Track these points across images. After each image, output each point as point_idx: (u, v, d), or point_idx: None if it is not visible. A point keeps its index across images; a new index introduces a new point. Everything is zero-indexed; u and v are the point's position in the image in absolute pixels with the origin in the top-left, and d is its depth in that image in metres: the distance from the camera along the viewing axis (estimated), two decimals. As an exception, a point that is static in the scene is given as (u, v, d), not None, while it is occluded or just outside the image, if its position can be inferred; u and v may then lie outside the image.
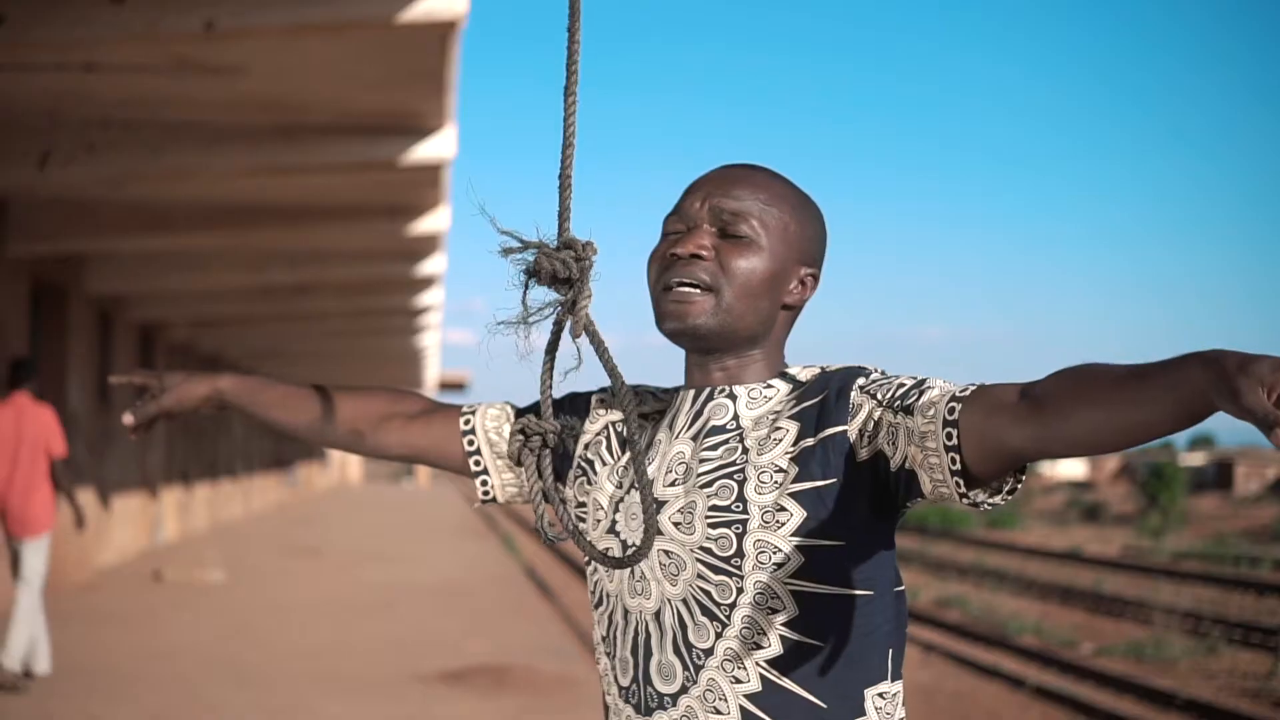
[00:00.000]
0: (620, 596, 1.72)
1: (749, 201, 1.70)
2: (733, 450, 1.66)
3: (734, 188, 1.71)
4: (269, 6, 7.49)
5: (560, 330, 1.60)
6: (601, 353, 1.57)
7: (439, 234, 13.72)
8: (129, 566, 15.75)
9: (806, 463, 1.61)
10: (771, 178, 1.74)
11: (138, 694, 8.19)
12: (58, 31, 7.29)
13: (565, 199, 1.61)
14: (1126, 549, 28.10)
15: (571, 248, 1.58)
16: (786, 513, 1.61)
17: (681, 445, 1.71)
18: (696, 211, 1.71)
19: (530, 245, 1.58)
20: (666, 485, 1.69)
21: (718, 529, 1.63)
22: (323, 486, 47.61)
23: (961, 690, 10.93)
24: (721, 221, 1.69)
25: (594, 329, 1.58)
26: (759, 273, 1.68)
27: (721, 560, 1.62)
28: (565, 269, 1.57)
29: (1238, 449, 66.81)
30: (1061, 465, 69.16)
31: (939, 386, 1.58)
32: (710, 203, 1.70)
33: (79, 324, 13.92)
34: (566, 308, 1.58)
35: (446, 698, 8.25)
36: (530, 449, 1.63)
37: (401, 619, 11.89)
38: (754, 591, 1.61)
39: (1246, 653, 13.36)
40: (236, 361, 26.06)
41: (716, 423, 1.69)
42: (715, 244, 1.69)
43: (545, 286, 1.59)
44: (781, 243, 1.70)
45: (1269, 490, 51.16)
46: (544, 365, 1.62)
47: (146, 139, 9.89)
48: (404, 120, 10.03)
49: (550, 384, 1.63)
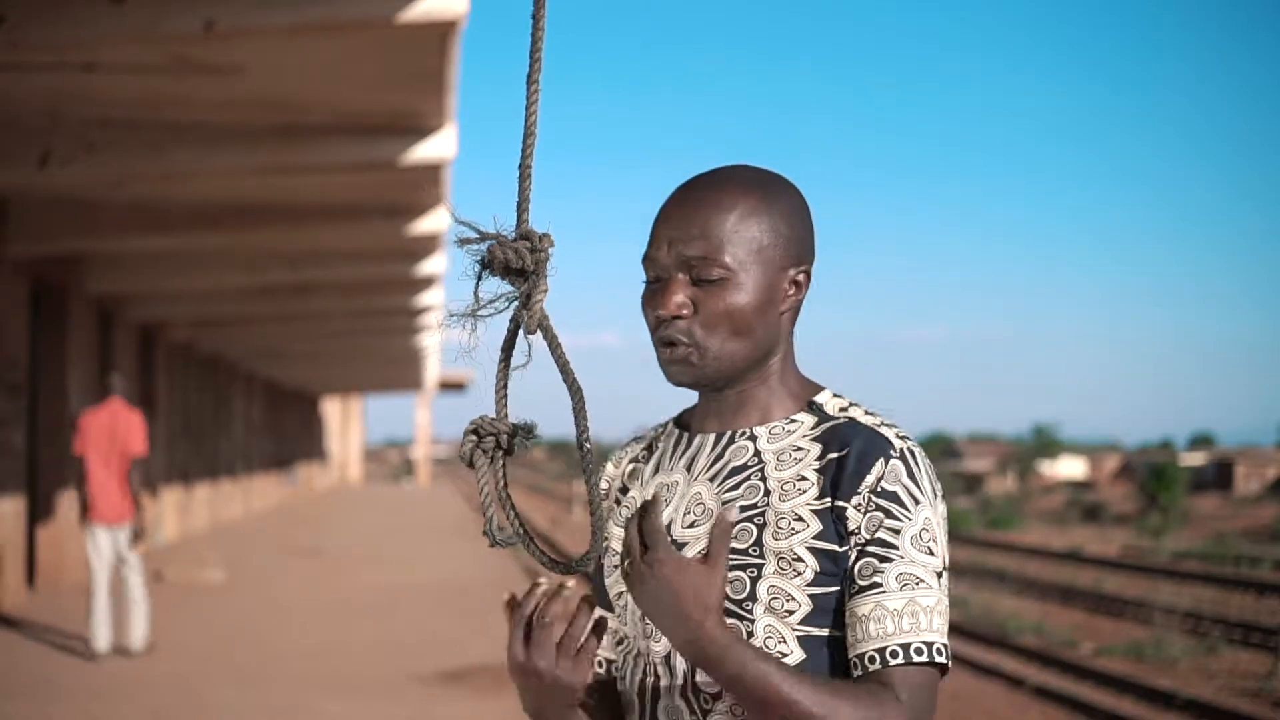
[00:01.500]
0: (635, 639, 1.72)
1: (715, 235, 1.62)
2: (755, 490, 1.65)
3: (695, 224, 1.63)
4: (269, 6, 7.49)
5: (517, 326, 1.54)
6: (555, 349, 1.53)
7: (439, 234, 13.72)
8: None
9: (826, 522, 1.61)
10: (735, 190, 1.65)
11: (138, 694, 8.19)
12: (58, 31, 7.29)
13: (525, 189, 1.55)
14: (1126, 549, 28.10)
15: (528, 239, 1.52)
16: (803, 563, 1.60)
17: (699, 487, 1.69)
18: (665, 259, 1.65)
19: (486, 236, 1.53)
20: (684, 527, 1.68)
21: (734, 571, 1.62)
22: (323, 486, 47.61)
23: (961, 690, 10.92)
24: (692, 272, 1.64)
25: (549, 324, 1.53)
26: (743, 310, 1.63)
27: (734, 603, 1.61)
28: (519, 260, 1.51)
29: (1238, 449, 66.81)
30: (1061, 465, 69.16)
31: (886, 586, 1.57)
32: (675, 250, 1.64)
33: (79, 324, 13.92)
34: (521, 301, 1.53)
35: (446, 698, 8.26)
36: (483, 449, 1.56)
37: (401, 619, 11.90)
38: (763, 636, 1.61)
39: (1246, 653, 13.36)
40: (236, 362, 26.07)
41: (737, 463, 1.68)
42: (692, 294, 1.64)
43: (500, 278, 1.53)
44: (760, 263, 1.64)
45: (1269, 490, 51.15)
46: (499, 362, 1.57)
47: (146, 139, 9.90)
48: (404, 120, 10.03)
49: (506, 382, 1.57)
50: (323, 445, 50.54)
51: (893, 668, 1.55)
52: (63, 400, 13.40)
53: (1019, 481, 62.48)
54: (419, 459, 60.94)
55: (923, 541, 1.59)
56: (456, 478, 67.92)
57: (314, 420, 46.67)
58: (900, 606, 1.57)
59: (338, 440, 55.64)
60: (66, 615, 11.47)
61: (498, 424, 1.56)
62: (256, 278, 15.67)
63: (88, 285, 14.10)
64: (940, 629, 1.58)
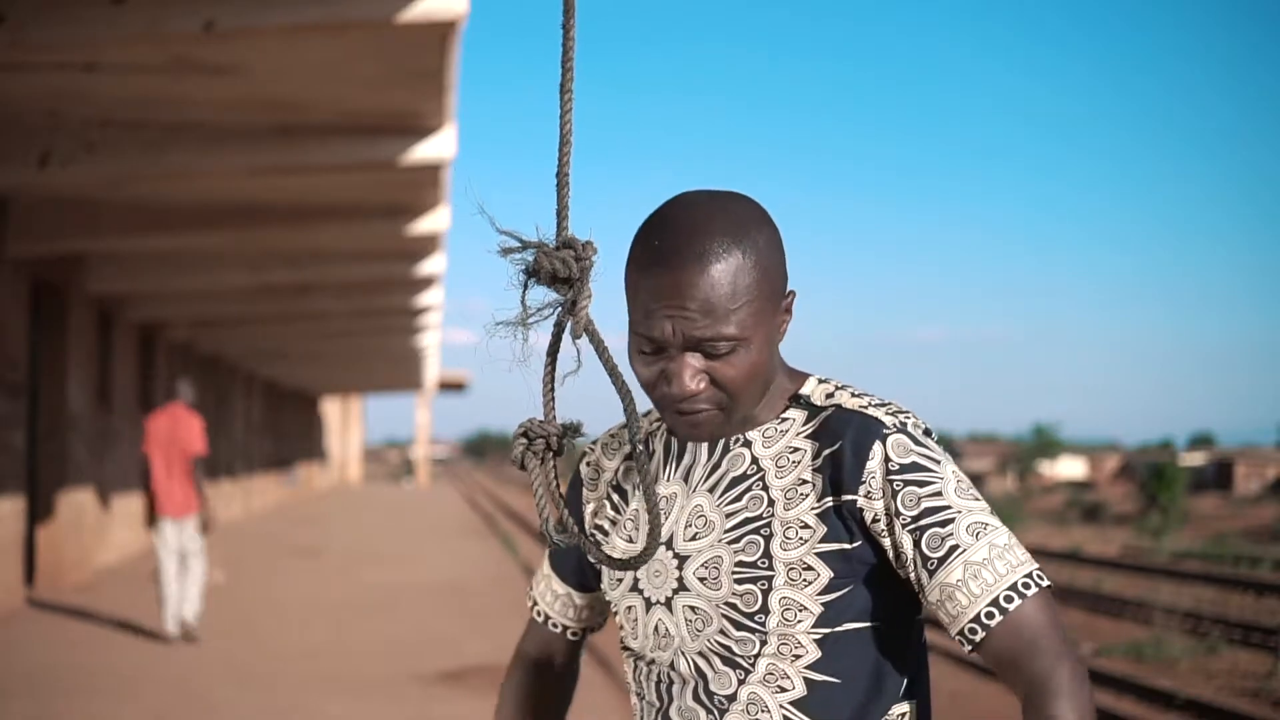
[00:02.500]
0: (645, 651, 1.73)
1: (718, 309, 1.58)
2: (758, 501, 1.65)
3: (693, 301, 1.58)
4: (269, 6, 7.49)
5: (561, 332, 1.58)
6: (602, 354, 1.56)
7: (439, 234, 13.73)
8: (129, 566, 15.74)
9: (832, 522, 1.61)
10: (717, 246, 1.59)
11: (138, 694, 8.19)
12: (58, 31, 7.29)
13: (563, 197, 1.58)
14: (1126, 549, 28.11)
15: (571, 247, 1.56)
16: (814, 571, 1.60)
17: (700, 498, 1.69)
18: (671, 338, 1.61)
19: (530, 245, 1.56)
20: (687, 540, 1.68)
21: (744, 584, 1.62)
22: (323, 486, 47.61)
23: (961, 690, 10.92)
24: (701, 349, 1.61)
25: (594, 330, 1.56)
26: (757, 365, 1.63)
27: (746, 616, 1.62)
28: (565, 268, 1.55)
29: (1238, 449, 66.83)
30: (1061, 465, 69.18)
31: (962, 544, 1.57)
32: (679, 331, 1.60)
33: (79, 324, 13.92)
34: (566, 308, 1.56)
35: (446, 698, 8.26)
36: (534, 452, 1.59)
37: (401, 619, 11.90)
38: (778, 643, 1.61)
39: (1246, 653, 13.36)
40: (236, 362, 26.07)
41: (736, 473, 1.68)
42: (705, 366, 1.62)
43: (545, 286, 1.57)
44: (760, 316, 1.62)
45: (1269, 490, 51.19)
46: (545, 368, 1.60)
47: (146, 139, 9.90)
48: (404, 120, 10.03)
49: (553, 386, 1.61)
50: (323, 445, 50.54)
51: (1012, 613, 1.55)
52: (63, 400, 13.40)
53: (1019, 481, 62.52)
54: (419, 459, 60.96)
55: (966, 491, 1.61)
56: (456, 478, 67.94)
57: (314, 420, 46.67)
58: (986, 555, 1.57)
59: (338, 440, 55.65)
60: (66, 615, 11.48)
61: (547, 426, 1.60)
62: (257, 278, 15.67)
63: (88, 285, 14.10)
64: (1026, 557, 1.59)
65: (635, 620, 1.73)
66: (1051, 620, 1.56)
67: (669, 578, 1.68)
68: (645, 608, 1.71)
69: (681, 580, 1.67)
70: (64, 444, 13.40)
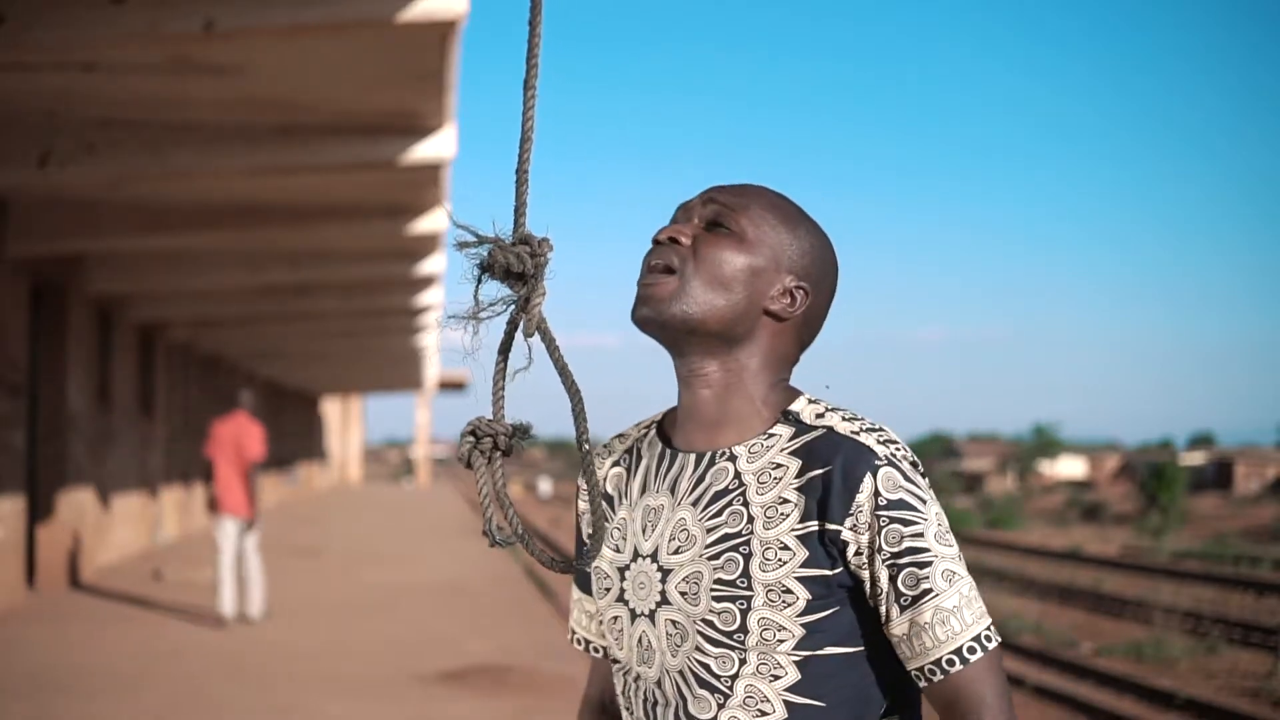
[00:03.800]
0: (630, 663, 1.72)
1: (747, 201, 1.70)
2: (738, 517, 1.63)
3: (735, 189, 1.72)
4: (269, 6, 7.49)
5: (514, 329, 1.56)
6: (553, 352, 1.54)
7: (439, 234, 13.72)
8: (129, 566, 15.74)
9: (814, 547, 1.60)
10: (779, 196, 1.74)
11: (138, 694, 8.19)
12: (58, 31, 7.29)
13: (522, 194, 1.57)
14: (1126, 549, 28.11)
15: (527, 243, 1.54)
16: (793, 595, 1.59)
17: (684, 512, 1.68)
18: (692, 207, 1.72)
19: (485, 239, 1.55)
20: (670, 554, 1.67)
21: (722, 603, 1.62)
22: (323, 486, 47.60)
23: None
24: (713, 214, 1.69)
25: (546, 327, 1.55)
26: (732, 264, 1.66)
27: (724, 635, 1.62)
28: (519, 264, 1.53)
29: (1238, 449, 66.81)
30: (1061, 465, 69.16)
31: (936, 588, 1.59)
32: (708, 198, 1.71)
33: (79, 324, 13.92)
34: (520, 305, 1.55)
35: (446, 698, 8.26)
36: (481, 450, 1.57)
37: (401, 619, 11.90)
38: (757, 663, 1.61)
39: (1246, 653, 13.37)
40: (236, 362, 26.06)
41: (719, 487, 1.67)
42: (697, 233, 1.69)
43: (499, 281, 1.55)
44: (767, 244, 1.68)
45: (1269, 490, 51.18)
46: (497, 365, 1.58)
47: (146, 139, 9.89)
48: (404, 120, 10.03)
49: (503, 384, 1.59)
50: (323, 445, 50.53)
51: (971, 664, 1.58)
52: (62, 400, 13.40)
53: (1019, 481, 62.54)
54: (419, 459, 60.95)
55: (944, 535, 1.61)
56: (456, 478, 67.93)
57: (314, 420, 46.67)
58: (956, 603, 1.59)
59: (338, 440, 55.63)
60: (66, 615, 11.48)
61: (495, 425, 1.57)
62: (257, 278, 15.67)
63: (88, 285, 14.10)
64: (984, 611, 1.62)
65: (620, 631, 1.72)
66: (1002, 683, 1.62)
67: (653, 590, 1.68)
68: (630, 619, 1.71)
69: (664, 594, 1.66)
70: (64, 444, 13.40)
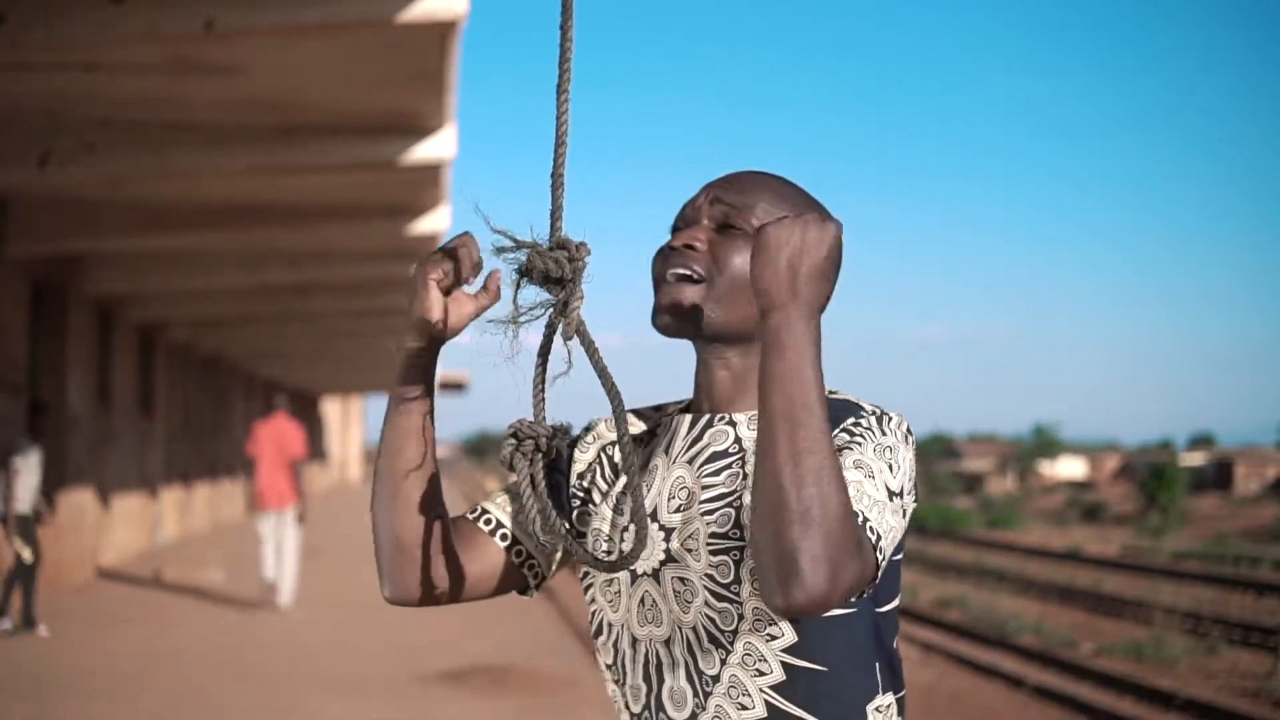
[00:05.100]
0: (627, 625, 1.71)
1: (753, 198, 1.70)
2: (735, 476, 1.65)
3: (740, 185, 1.71)
4: (269, 6, 7.49)
5: (552, 332, 1.58)
6: (593, 355, 1.56)
7: (439, 234, 13.72)
8: (129, 566, 15.75)
9: None
10: (784, 184, 1.74)
11: (138, 694, 8.20)
12: (58, 31, 7.29)
13: (558, 198, 1.59)
14: (1126, 549, 28.12)
15: (565, 248, 1.57)
16: None
17: (680, 470, 1.69)
18: (700, 207, 1.72)
19: (524, 245, 1.57)
20: (670, 512, 1.68)
21: (718, 555, 1.63)
22: (323, 486, 47.62)
23: (961, 690, 10.93)
24: (723, 215, 1.69)
25: (585, 331, 1.57)
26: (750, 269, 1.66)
27: (723, 587, 1.62)
28: (558, 269, 1.55)
29: (1238, 449, 66.83)
30: (1061, 465, 69.17)
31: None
32: (714, 196, 1.71)
33: (79, 324, 13.92)
34: (558, 309, 1.57)
35: (446, 698, 8.26)
36: (523, 452, 1.60)
37: (401, 619, 11.87)
38: (753, 618, 1.61)
39: (1246, 653, 13.37)
40: (236, 362, 26.06)
41: (717, 448, 1.68)
42: (711, 237, 1.69)
43: (537, 286, 1.57)
44: None
45: (1269, 490, 51.22)
46: (536, 368, 1.60)
47: (146, 139, 9.90)
48: (404, 120, 10.03)
49: (543, 387, 1.61)
50: (323, 445, 50.55)
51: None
52: (62, 400, 13.40)
53: (1019, 481, 62.55)
54: (419, 459, 60.85)
55: (885, 455, 1.57)
56: (456, 478, 67.93)
57: (314, 420, 46.68)
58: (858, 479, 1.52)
59: (338, 440, 55.65)
60: (66, 615, 11.48)
61: (536, 427, 1.61)
62: (256, 278, 15.66)
63: (88, 285, 14.10)
64: (879, 519, 1.51)
65: (618, 593, 1.72)
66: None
67: (655, 549, 1.68)
68: (630, 579, 1.70)
69: (669, 551, 1.66)
70: (64, 444, 13.39)
